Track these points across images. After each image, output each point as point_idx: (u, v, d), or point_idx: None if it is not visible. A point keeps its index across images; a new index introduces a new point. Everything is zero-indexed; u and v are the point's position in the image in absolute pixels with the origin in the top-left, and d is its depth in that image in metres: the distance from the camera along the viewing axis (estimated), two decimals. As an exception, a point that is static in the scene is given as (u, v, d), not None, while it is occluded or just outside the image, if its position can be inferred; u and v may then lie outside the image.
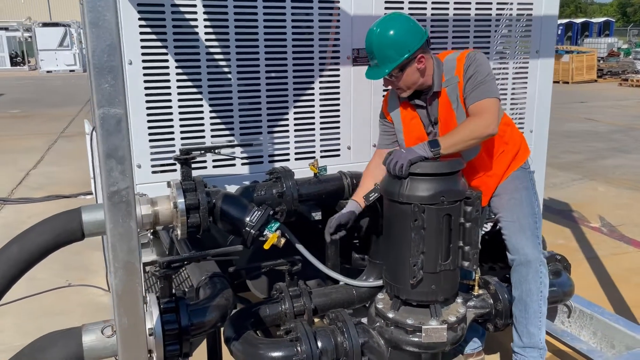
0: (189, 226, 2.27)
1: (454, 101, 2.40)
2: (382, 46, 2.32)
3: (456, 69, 2.38)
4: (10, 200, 6.33)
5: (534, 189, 2.62)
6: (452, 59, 2.42)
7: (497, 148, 2.55)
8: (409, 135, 2.56)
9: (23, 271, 2.02)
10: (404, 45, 2.30)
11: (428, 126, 2.52)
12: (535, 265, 2.48)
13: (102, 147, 1.46)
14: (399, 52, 2.31)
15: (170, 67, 2.60)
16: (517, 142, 2.62)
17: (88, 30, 1.39)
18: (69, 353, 1.86)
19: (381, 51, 2.32)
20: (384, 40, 2.31)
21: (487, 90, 2.33)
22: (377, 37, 2.32)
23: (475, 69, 2.34)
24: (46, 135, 10.34)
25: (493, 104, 2.32)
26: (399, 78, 2.37)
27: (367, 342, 2.27)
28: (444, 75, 2.42)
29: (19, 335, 3.33)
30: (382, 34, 2.31)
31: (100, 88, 1.43)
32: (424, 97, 2.47)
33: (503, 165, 2.56)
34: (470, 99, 2.34)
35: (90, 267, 4.53)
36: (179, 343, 1.97)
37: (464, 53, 2.41)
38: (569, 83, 19.87)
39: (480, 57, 2.39)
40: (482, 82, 2.33)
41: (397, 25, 2.32)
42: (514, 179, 2.57)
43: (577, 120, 12.11)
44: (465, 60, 2.37)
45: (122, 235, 1.53)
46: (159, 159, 2.68)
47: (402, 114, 2.55)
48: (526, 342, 2.53)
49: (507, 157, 2.56)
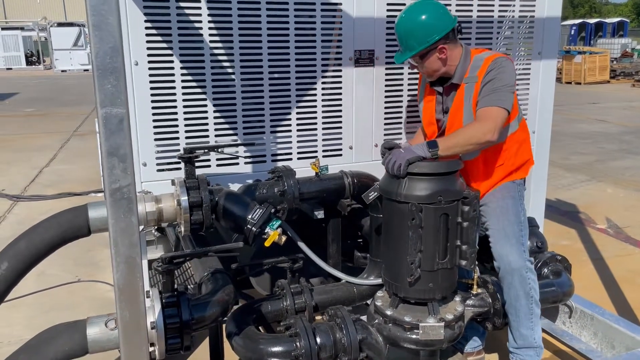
0: (192, 223, 2.32)
1: (467, 99, 2.45)
2: (405, 34, 2.45)
3: (480, 69, 2.44)
4: (23, 197, 6.44)
5: (521, 201, 2.64)
6: (481, 58, 2.49)
7: (496, 160, 2.58)
8: (424, 115, 2.70)
9: (31, 265, 2.09)
10: (423, 36, 2.40)
11: (439, 113, 2.59)
12: (520, 272, 2.50)
13: (105, 146, 1.51)
14: (418, 42, 2.42)
15: (175, 68, 2.65)
16: (520, 161, 2.64)
17: (91, 33, 1.45)
18: (74, 345, 1.93)
19: (403, 38, 2.46)
20: (407, 28, 2.43)
21: (498, 99, 2.36)
22: (402, 24, 2.45)
23: (495, 75, 2.39)
24: (59, 133, 10.49)
25: (499, 113, 2.35)
26: (420, 64, 2.49)
27: (366, 338, 2.31)
28: (468, 70, 2.48)
29: (29, 329, 3.41)
30: (406, 21, 2.43)
31: (103, 88, 1.48)
32: (445, 85, 2.55)
33: (496, 177, 2.59)
34: (481, 103, 2.39)
35: (100, 263, 4.62)
36: (180, 337, 2.03)
37: (494, 56, 2.46)
38: (581, 84, 19.71)
39: (506, 65, 2.42)
40: (497, 89, 2.37)
41: (422, 14, 2.42)
42: (502, 189, 2.60)
43: (588, 122, 12.03)
44: (491, 64, 2.42)
45: (124, 230, 1.59)
46: (164, 158, 2.74)
47: (425, 94, 2.69)
48: (520, 343, 2.56)
49: (502, 171, 2.59)
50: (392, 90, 3.11)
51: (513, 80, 2.44)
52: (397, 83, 3.12)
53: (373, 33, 2.97)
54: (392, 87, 3.11)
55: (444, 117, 2.58)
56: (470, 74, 2.47)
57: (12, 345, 3.17)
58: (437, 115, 2.62)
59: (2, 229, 5.43)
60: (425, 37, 2.40)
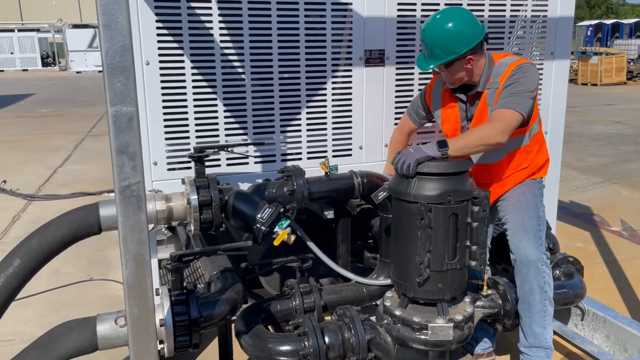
0: (201, 222, 2.33)
1: (490, 104, 2.44)
2: (432, 42, 2.40)
3: (503, 74, 2.43)
4: (37, 196, 6.52)
5: (541, 198, 2.66)
6: (505, 64, 2.47)
7: (521, 163, 2.60)
8: (446, 121, 2.65)
9: (43, 262, 2.11)
10: (451, 46, 2.36)
11: (463, 120, 2.57)
12: (536, 264, 2.49)
13: (114, 144, 1.53)
14: (445, 52, 2.38)
15: (186, 68, 2.67)
16: (542, 161, 2.67)
17: (101, 32, 1.46)
18: (84, 341, 1.95)
19: (430, 46, 2.41)
20: (435, 37, 2.39)
21: (514, 103, 2.35)
22: (430, 31, 2.40)
23: (516, 79, 2.38)
24: (74, 134, 10.61)
25: (512, 116, 2.34)
26: (444, 72, 2.46)
27: (374, 338, 2.30)
28: (491, 77, 2.46)
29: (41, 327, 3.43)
30: (435, 29, 2.38)
31: (112, 87, 1.50)
32: (467, 93, 2.53)
33: (517, 179, 2.61)
34: (498, 104, 2.38)
35: (112, 262, 4.66)
36: (189, 334, 2.04)
37: (518, 61, 2.45)
38: (597, 85, 19.50)
39: (529, 70, 2.41)
40: (516, 93, 2.36)
41: (451, 23, 2.37)
42: (523, 185, 2.62)
43: (604, 123, 11.89)
44: (514, 70, 2.41)
45: (133, 227, 1.60)
46: (175, 157, 2.76)
47: (443, 102, 2.65)
48: (531, 341, 2.53)
49: (525, 173, 2.62)
50: (402, 90, 3.10)
51: (534, 86, 2.41)
52: (408, 83, 3.11)
53: (383, 33, 2.97)
54: (403, 87, 3.10)
55: (468, 123, 2.57)
56: (493, 79, 2.46)
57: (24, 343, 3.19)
58: (462, 122, 2.59)
59: (16, 227, 5.50)
60: (454, 47, 2.35)
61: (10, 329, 3.46)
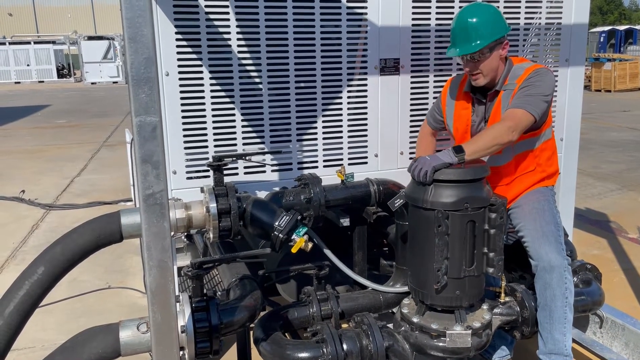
0: (220, 230, 2.36)
1: (504, 106, 2.47)
2: (479, 23, 2.44)
3: (520, 77, 2.47)
4: (55, 206, 6.62)
5: (555, 205, 2.66)
6: (522, 67, 2.52)
7: (527, 165, 2.60)
8: (457, 120, 2.68)
9: (66, 270, 2.14)
10: (497, 26, 2.44)
11: (480, 122, 2.59)
12: (559, 270, 2.48)
13: (139, 153, 1.56)
14: (494, 31, 2.43)
15: (205, 78, 2.72)
16: (552, 166, 2.67)
17: (127, 44, 1.50)
18: (107, 347, 1.98)
19: (476, 27, 2.43)
20: (483, 17, 2.45)
21: (527, 103, 2.38)
22: (475, 14, 2.46)
23: (532, 82, 2.42)
24: (90, 144, 10.75)
25: (523, 115, 2.36)
26: (482, 60, 2.46)
27: (392, 345, 2.31)
28: (508, 79, 2.51)
29: (62, 334, 3.49)
30: (481, 12, 2.46)
31: (137, 98, 1.54)
32: (486, 93, 2.57)
33: (526, 183, 2.60)
34: (511, 105, 2.41)
35: (130, 269, 4.71)
36: (210, 341, 2.06)
37: (535, 66, 2.50)
38: (611, 92, 19.35)
39: (546, 75, 2.46)
40: (531, 95, 2.39)
41: (491, 9, 2.50)
42: (536, 192, 2.62)
43: (618, 130, 11.80)
44: (531, 74, 2.46)
45: (156, 235, 1.63)
46: (194, 166, 2.80)
47: (457, 105, 2.67)
48: (551, 348, 2.52)
49: (533, 177, 2.61)
50: (417, 98, 3.12)
51: (549, 91, 2.45)
52: (423, 91, 3.13)
53: (398, 42, 2.99)
54: (418, 95, 3.12)
55: (484, 125, 2.59)
56: (510, 81, 2.50)
57: (45, 350, 3.26)
58: (478, 125, 2.61)
59: (35, 236, 5.58)
60: (500, 28, 2.45)
61: (30, 336, 3.51)
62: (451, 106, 2.71)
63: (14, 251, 5.18)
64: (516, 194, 2.62)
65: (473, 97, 2.63)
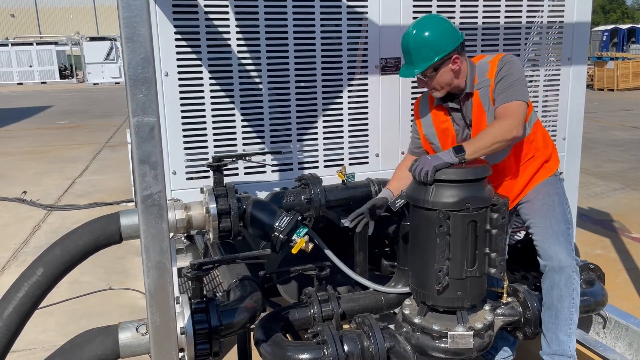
0: (220, 230, 2.35)
1: (485, 103, 2.43)
2: (419, 45, 2.37)
3: (489, 71, 2.42)
4: (57, 207, 6.61)
5: (566, 198, 2.61)
6: (485, 62, 2.47)
7: (526, 153, 2.55)
8: (443, 137, 2.61)
9: (65, 271, 2.14)
10: (439, 45, 2.36)
11: (463, 129, 2.54)
12: (568, 271, 2.45)
13: (136, 154, 1.55)
14: (434, 52, 2.36)
15: (204, 78, 2.71)
16: (548, 151, 2.62)
17: (124, 44, 1.49)
18: (106, 349, 1.96)
19: (417, 50, 2.38)
20: (421, 40, 2.37)
21: (515, 93, 2.34)
22: (413, 37, 2.38)
23: (507, 72, 2.37)
24: (92, 145, 10.76)
25: (519, 107, 2.33)
26: (432, 78, 2.41)
27: (394, 346, 2.30)
28: (476, 77, 2.45)
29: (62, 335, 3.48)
30: (419, 34, 2.38)
31: (135, 98, 1.52)
32: (456, 99, 2.50)
33: (530, 171, 2.55)
34: (499, 101, 2.37)
35: (130, 271, 4.70)
36: (209, 342, 2.05)
37: (497, 56, 2.44)
38: (614, 91, 19.30)
39: (514, 61, 2.41)
40: (512, 84, 2.35)
41: (434, 26, 2.39)
42: (546, 185, 2.56)
43: (621, 129, 11.76)
44: (499, 63, 2.40)
45: (155, 236, 1.62)
46: (193, 166, 2.79)
47: (434, 120, 2.59)
48: (555, 349, 2.50)
49: (535, 163, 2.55)
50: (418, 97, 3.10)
51: (523, 74, 2.42)
52: (423, 91, 3.10)
53: (398, 41, 2.96)
54: (418, 95, 3.09)
55: (469, 129, 2.55)
56: (480, 79, 2.44)
57: (45, 351, 3.24)
58: (462, 133, 2.55)
59: (37, 237, 5.58)
60: (442, 46, 2.35)
61: (31, 338, 3.50)
62: (429, 125, 2.62)
63: (15, 252, 5.18)
64: (523, 185, 2.56)
65: (447, 107, 2.55)
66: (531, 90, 3.32)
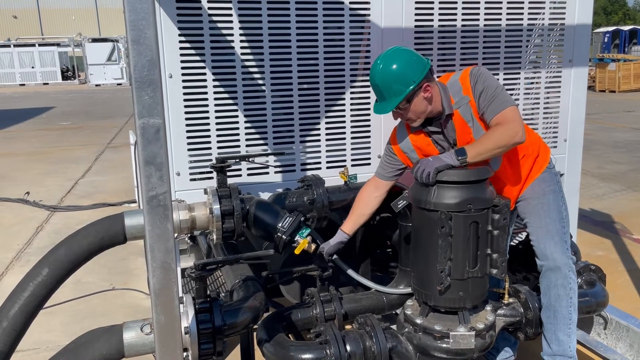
0: (223, 231, 2.37)
1: (468, 120, 2.40)
2: (388, 81, 2.33)
3: (463, 89, 2.39)
4: (59, 207, 6.64)
5: (561, 191, 2.60)
6: (455, 80, 2.43)
7: (517, 154, 2.55)
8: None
9: (70, 272, 2.15)
10: (408, 77, 2.31)
11: (448, 149, 2.51)
12: (564, 270, 2.48)
13: (142, 155, 1.57)
14: (404, 84, 2.31)
15: (208, 80, 2.73)
16: (536, 144, 2.59)
17: (130, 46, 1.51)
18: (111, 348, 1.98)
19: (387, 86, 2.34)
20: (389, 75, 2.33)
21: (503, 101, 2.33)
22: (381, 73, 2.34)
23: (483, 84, 2.35)
24: (94, 146, 10.78)
25: (514, 112, 2.33)
26: (407, 109, 2.38)
27: (396, 347, 2.31)
28: (452, 97, 2.42)
29: (66, 335, 3.50)
30: (386, 69, 2.33)
31: (140, 100, 1.54)
32: (437, 122, 2.46)
33: (525, 170, 2.55)
34: (490, 113, 2.33)
35: (134, 271, 4.72)
36: (213, 342, 2.06)
37: (465, 72, 2.42)
38: (616, 92, 19.29)
39: (484, 72, 2.39)
40: (495, 94, 2.34)
41: (399, 59, 2.34)
42: (541, 182, 2.55)
43: (623, 130, 11.77)
44: (470, 79, 2.38)
45: (160, 236, 1.64)
46: (197, 167, 2.80)
47: (415, 143, 2.54)
48: (555, 349, 2.51)
49: (528, 161, 2.55)
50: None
51: (497, 80, 2.41)
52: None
53: (401, 43, 2.99)
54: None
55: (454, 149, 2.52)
56: (456, 98, 2.41)
57: (50, 351, 3.27)
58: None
59: (40, 238, 5.60)
60: (411, 77, 2.31)
61: (35, 338, 3.52)
62: (412, 152, 2.56)
63: (18, 252, 5.21)
64: (521, 186, 2.56)
65: (426, 131, 2.51)
66: (532, 92, 3.34)
